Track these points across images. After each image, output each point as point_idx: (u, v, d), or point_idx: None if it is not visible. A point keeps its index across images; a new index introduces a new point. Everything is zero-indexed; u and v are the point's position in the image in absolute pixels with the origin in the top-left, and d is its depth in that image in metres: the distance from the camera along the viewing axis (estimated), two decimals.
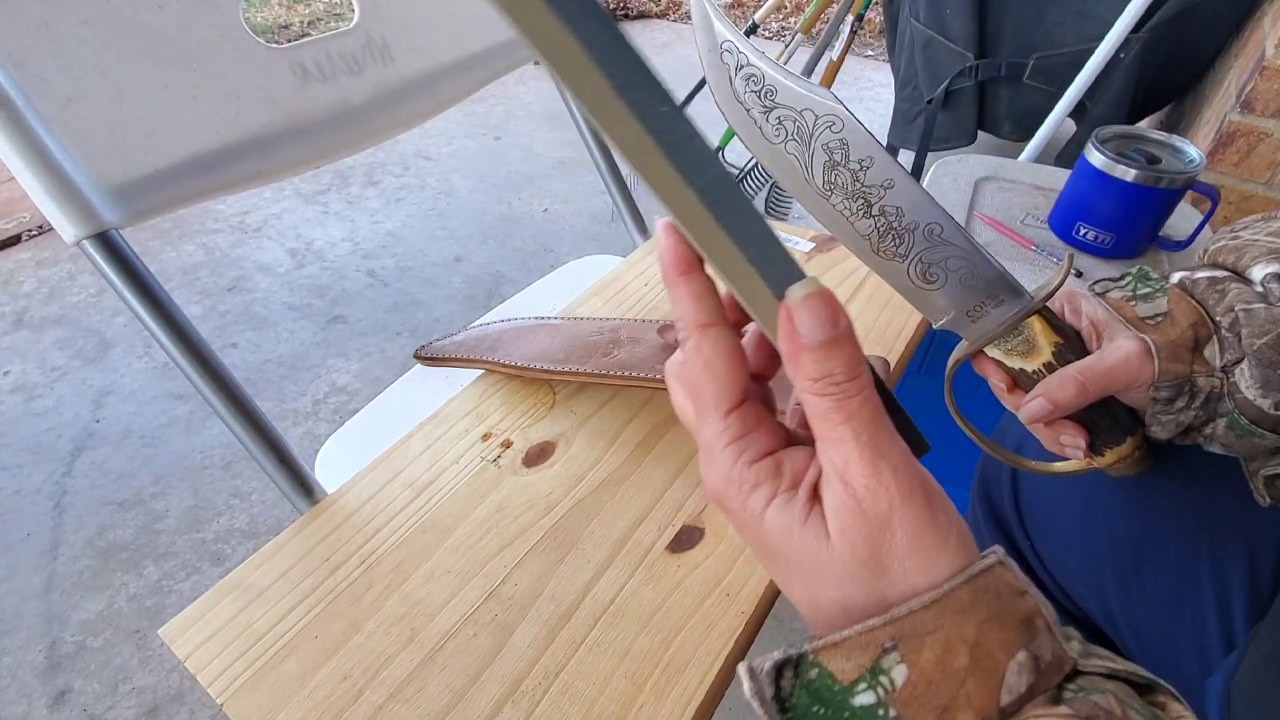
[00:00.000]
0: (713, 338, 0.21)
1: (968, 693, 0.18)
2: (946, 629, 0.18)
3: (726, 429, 0.22)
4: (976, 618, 0.18)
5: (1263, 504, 0.37)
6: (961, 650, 0.18)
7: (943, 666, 0.18)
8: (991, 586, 0.19)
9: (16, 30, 0.39)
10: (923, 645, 0.18)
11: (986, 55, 1.40)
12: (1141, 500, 0.44)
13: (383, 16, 0.58)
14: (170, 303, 0.43)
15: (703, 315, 0.22)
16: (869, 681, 0.18)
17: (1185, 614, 0.42)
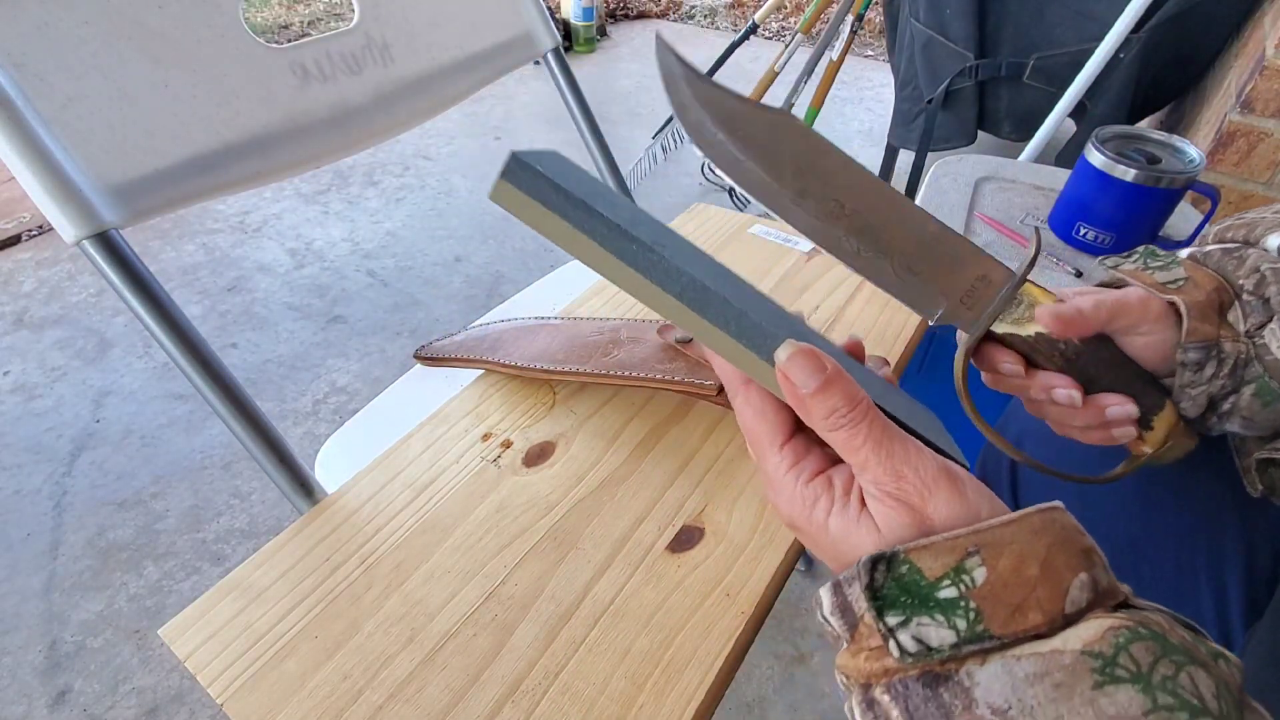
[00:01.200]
0: (755, 389, 0.27)
1: (1038, 597, 0.21)
2: (1021, 543, 0.22)
3: (783, 460, 0.26)
4: (1046, 539, 0.22)
5: (1253, 493, 0.37)
6: (1033, 562, 0.21)
7: (1017, 573, 0.21)
8: (1058, 520, 0.23)
9: (16, 30, 0.39)
10: (1001, 554, 0.21)
11: (986, 55, 1.40)
12: (1138, 500, 0.44)
13: (383, 16, 0.58)
14: (170, 303, 0.43)
15: (740, 374, 0.27)
16: (953, 578, 0.21)
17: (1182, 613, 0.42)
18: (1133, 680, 0.19)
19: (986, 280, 0.34)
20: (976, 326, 0.35)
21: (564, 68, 0.72)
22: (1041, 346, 0.35)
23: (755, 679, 0.87)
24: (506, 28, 0.68)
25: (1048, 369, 0.36)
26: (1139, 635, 0.20)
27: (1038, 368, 0.36)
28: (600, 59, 2.69)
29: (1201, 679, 0.19)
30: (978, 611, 0.21)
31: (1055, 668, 0.20)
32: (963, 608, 0.21)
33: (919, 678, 0.21)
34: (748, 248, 0.71)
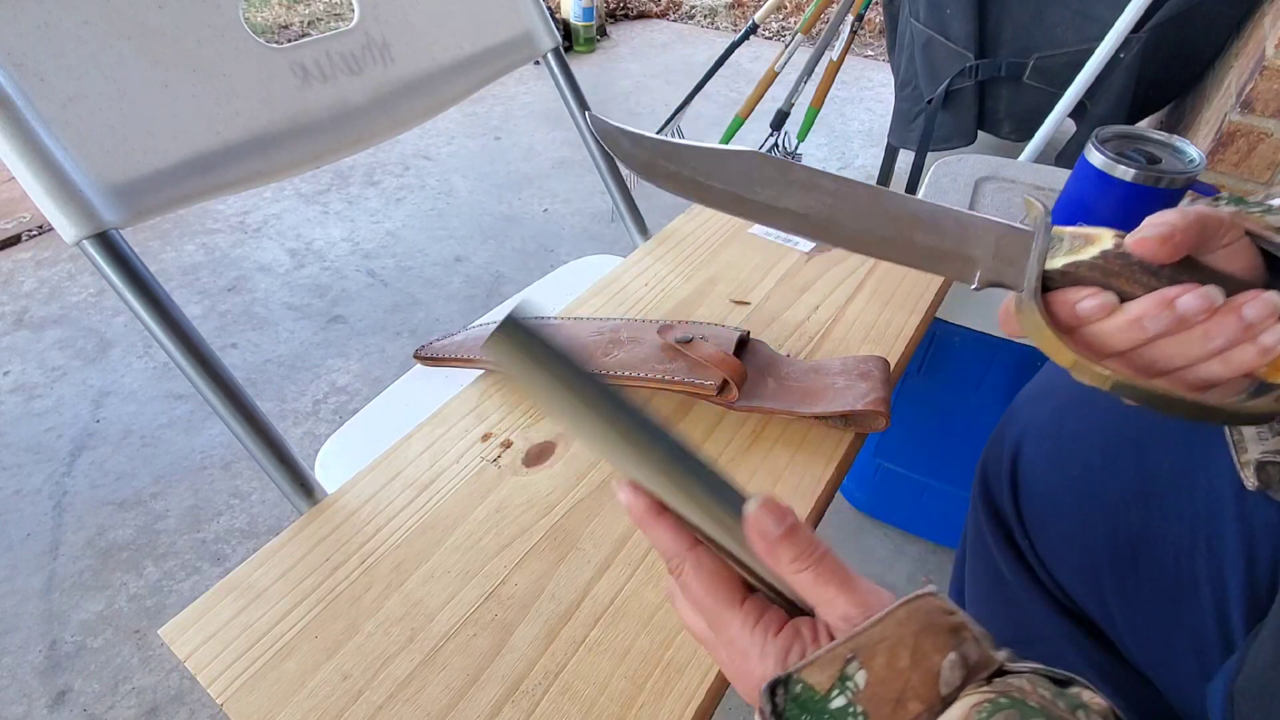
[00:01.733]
0: (703, 552, 0.27)
1: (913, 685, 0.22)
2: (891, 638, 0.23)
3: (747, 618, 0.27)
4: (913, 628, 0.23)
5: (1249, 486, 0.37)
6: (904, 653, 0.23)
7: (891, 667, 0.23)
8: (923, 607, 0.24)
9: (16, 30, 0.39)
10: (875, 653, 0.23)
11: (986, 55, 1.40)
12: (1138, 502, 0.44)
13: (383, 16, 0.58)
14: (170, 303, 0.43)
15: (685, 540, 0.27)
16: (839, 687, 0.23)
17: (1183, 615, 0.42)
18: None
19: (1009, 235, 0.31)
20: (1029, 269, 0.30)
21: (564, 68, 0.72)
22: (1115, 266, 0.29)
23: None
24: (506, 28, 0.68)
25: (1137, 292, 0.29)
26: (999, 706, 0.21)
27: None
28: (600, 59, 2.69)
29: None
30: (865, 715, 0.23)
31: None
32: (852, 713, 0.23)
33: None
34: (748, 247, 0.71)
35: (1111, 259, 0.29)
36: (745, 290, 0.65)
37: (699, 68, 1.98)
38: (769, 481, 0.47)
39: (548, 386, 0.25)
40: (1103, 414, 0.46)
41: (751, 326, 0.60)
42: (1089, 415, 0.47)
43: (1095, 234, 0.30)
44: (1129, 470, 0.44)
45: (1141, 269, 0.29)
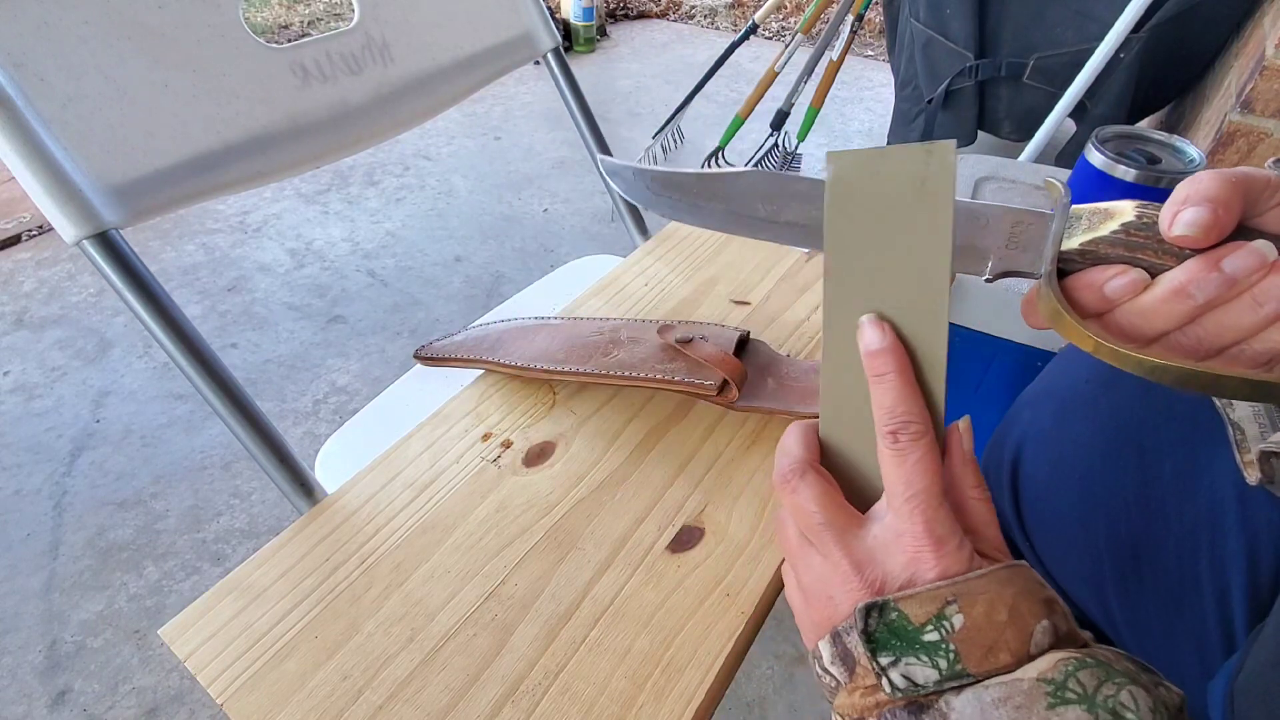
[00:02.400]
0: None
1: (1006, 639, 0.24)
2: (992, 593, 0.24)
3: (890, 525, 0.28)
4: (1013, 589, 0.24)
5: (1250, 482, 0.37)
6: (1002, 608, 0.24)
7: (989, 618, 0.24)
8: (1022, 574, 0.25)
9: (16, 30, 0.39)
10: (975, 602, 0.24)
11: (986, 55, 1.40)
12: (1140, 501, 0.44)
13: (383, 16, 0.58)
14: (170, 303, 0.43)
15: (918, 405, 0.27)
16: (935, 624, 0.24)
17: (1185, 615, 0.42)
18: (1079, 701, 0.22)
19: (1023, 221, 0.29)
20: (1044, 252, 0.28)
21: (564, 68, 0.72)
22: (1139, 239, 0.26)
23: (755, 679, 0.87)
24: (506, 28, 0.68)
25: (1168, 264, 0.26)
26: (1085, 664, 0.23)
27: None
28: (600, 59, 2.69)
29: (1141, 697, 0.22)
30: (957, 653, 0.24)
31: (1016, 693, 0.22)
32: (944, 650, 0.24)
33: (905, 707, 0.24)
34: (748, 247, 0.71)
35: (1135, 231, 0.26)
36: (745, 290, 0.65)
37: (699, 68, 1.98)
38: (769, 482, 0.47)
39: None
40: (1104, 417, 0.46)
41: (751, 326, 0.60)
42: (1090, 418, 0.47)
43: (1115, 208, 0.27)
44: (1130, 472, 0.44)
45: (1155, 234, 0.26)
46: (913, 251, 0.26)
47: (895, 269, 0.26)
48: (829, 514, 0.28)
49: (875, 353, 0.27)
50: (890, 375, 0.27)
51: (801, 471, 0.29)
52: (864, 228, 0.27)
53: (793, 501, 0.29)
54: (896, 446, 0.26)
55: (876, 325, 0.27)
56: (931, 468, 0.26)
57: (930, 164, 0.25)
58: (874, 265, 0.27)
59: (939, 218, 0.25)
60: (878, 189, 0.26)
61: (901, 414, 0.26)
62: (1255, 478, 0.37)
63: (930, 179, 0.25)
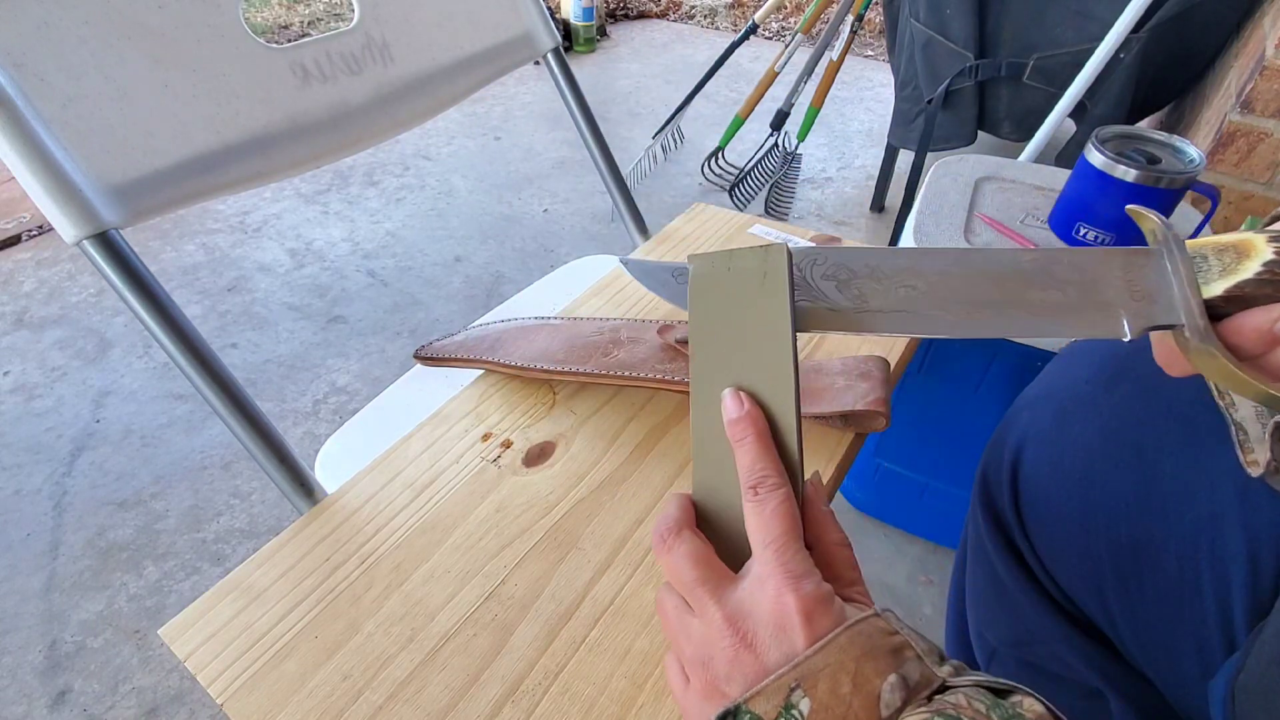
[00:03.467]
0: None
1: (854, 710, 0.23)
2: (833, 665, 0.24)
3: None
4: (854, 653, 0.24)
5: (1254, 473, 0.37)
6: (845, 679, 0.24)
7: (834, 694, 0.24)
8: (865, 630, 0.25)
9: (16, 30, 0.39)
10: (817, 681, 0.24)
11: (986, 55, 1.40)
12: (1141, 502, 0.44)
13: (383, 16, 0.58)
14: (170, 303, 0.43)
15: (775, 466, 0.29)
16: (785, 716, 0.24)
17: (1185, 615, 0.42)
18: None
19: (1135, 263, 0.27)
20: (1181, 301, 0.26)
21: (564, 68, 0.72)
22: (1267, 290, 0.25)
23: None
24: (506, 28, 0.68)
25: None
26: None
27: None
28: (600, 59, 2.69)
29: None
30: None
31: None
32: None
33: None
34: None
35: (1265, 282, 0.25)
36: None
37: (699, 68, 1.98)
38: None
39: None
40: (1104, 418, 0.46)
41: None
42: (1090, 419, 0.47)
43: (1242, 243, 0.26)
44: (1130, 473, 0.44)
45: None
46: (761, 330, 0.30)
47: (749, 346, 0.30)
48: (702, 570, 0.28)
49: (735, 420, 0.29)
50: (749, 439, 0.29)
51: (677, 530, 0.30)
52: (721, 313, 0.31)
53: (669, 561, 0.29)
54: (756, 499, 0.28)
55: (734, 396, 0.30)
56: (787, 515, 0.27)
57: (769, 260, 0.30)
58: (731, 344, 0.31)
59: (779, 305, 0.29)
60: (730, 282, 0.31)
61: (759, 470, 0.28)
62: (1263, 461, 0.36)
63: (769, 272, 0.29)
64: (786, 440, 0.29)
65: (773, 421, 0.29)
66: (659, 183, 1.91)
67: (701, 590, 0.28)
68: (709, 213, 0.77)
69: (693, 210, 0.77)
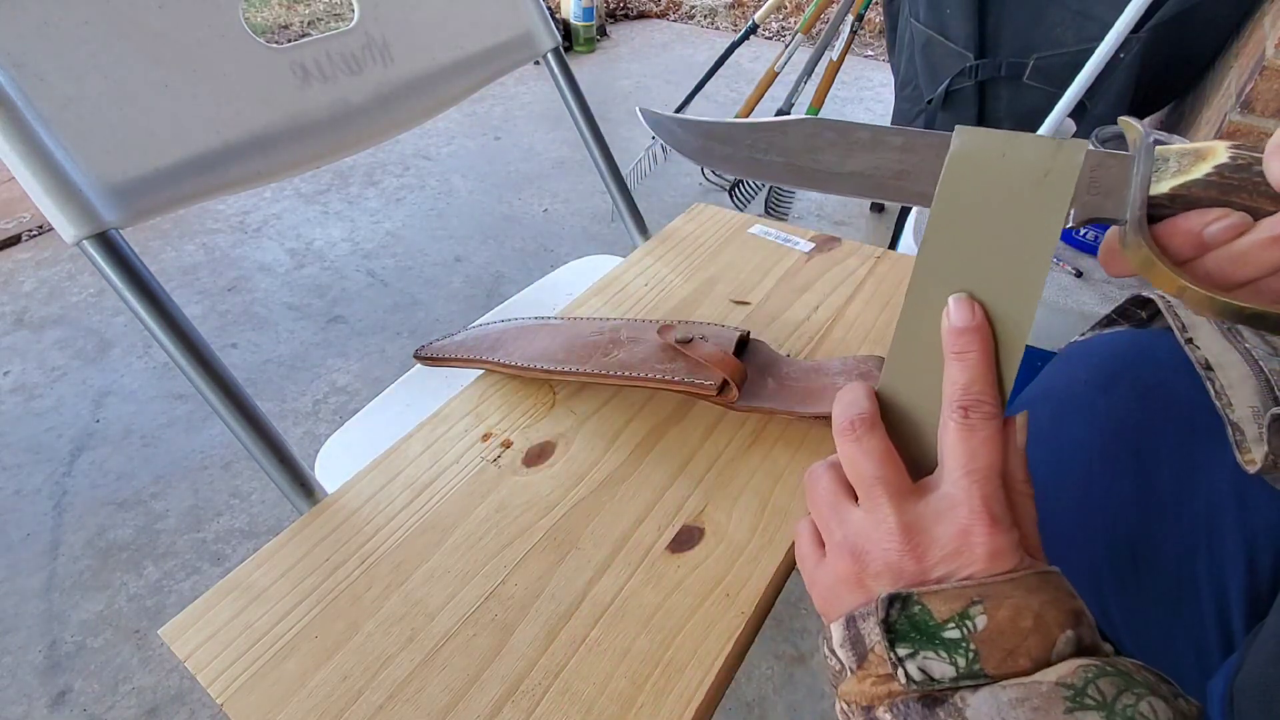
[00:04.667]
0: None
1: (1028, 646, 0.24)
2: (1018, 598, 0.24)
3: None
4: (1041, 597, 0.24)
5: (1250, 470, 0.37)
6: (1028, 616, 0.24)
7: (1013, 623, 0.24)
8: (1052, 582, 0.25)
9: (16, 30, 0.39)
10: (1000, 605, 0.24)
11: (986, 55, 1.40)
12: (1138, 502, 0.44)
13: (383, 16, 0.58)
14: (170, 303, 0.43)
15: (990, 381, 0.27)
16: (957, 622, 0.24)
17: (1183, 615, 0.42)
18: (1098, 707, 0.22)
19: (1103, 164, 0.27)
20: (1130, 196, 0.27)
21: (564, 68, 0.72)
22: (1235, 181, 0.25)
23: (755, 679, 0.87)
24: (506, 28, 0.68)
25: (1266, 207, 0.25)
26: (1105, 672, 0.23)
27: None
28: (600, 59, 2.69)
29: (1160, 709, 0.22)
30: (976, 653, 0.24)
31: (1034, 695, 0.22)
32: (964, 648, 0.24)
33: (919, 699, 0.24)
34: (747, 247, 0.71)
35: (1230, 174, 0.25)
36: (745, 290, 0.65)
37: (699, 68, 1.98)
38: (769, 481, 0.47)
39: None
40: (1102, 418, 0.46)
41: (751, 326, 0.60)
42: (1088, 419, 0.47)
43: (1205, 149, 0.26)
44: (1128, 474, 0.44)
45: (1254, 174, 0.25)
46: (1019, 239, 0.26)
47: (997, 252, 0.27)
48: (887, 470, 0.27)
49: (961, 330, 0.27)
50: (973, 354, 0.27)
51: (870, 424, 0.28)
52: (976, 206, 0.27)
53: (853, 451, 0.28)
54: (967, 421, 0.26)
55: (967, 304, 0.27)
56: (997, 449, 0.26)
57: (1058, 158, 0.26)
58: (976, 244, 0.27)
59: (1054, 212, 0.26)
60: (1000, 171, 0.26)
61: (977, 392, 0.26)
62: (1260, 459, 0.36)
63: (1054, 172, 0.26)
64: (1007, 367, 0.27)
65: (999, 342, 0.27)
66: (659, 183, 1.91)
67: (880, 489, 0.27)
68: (709, 213, 0.77)
69: (693, 210, 0.77)
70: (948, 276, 0.28)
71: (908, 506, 0.27)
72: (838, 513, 0.29)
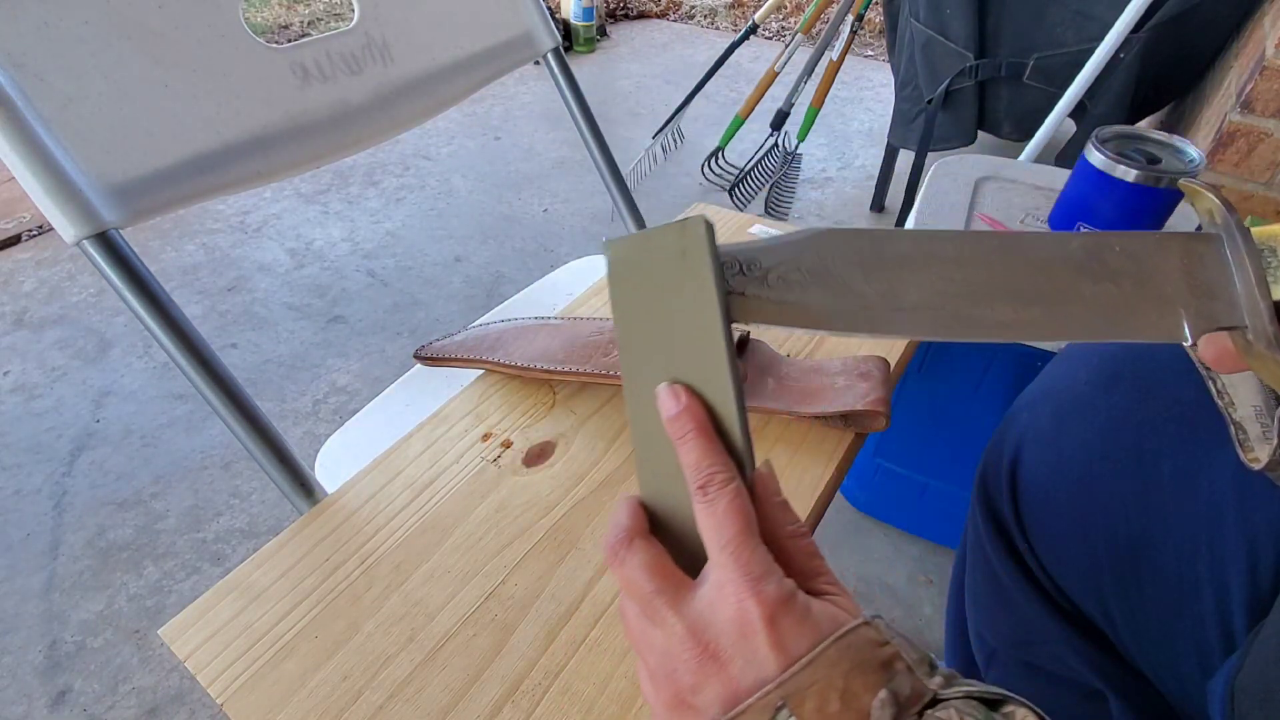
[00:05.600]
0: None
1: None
2: (821, 681, 0.23)
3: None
4: (843, 668, 0.23)
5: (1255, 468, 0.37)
6: (834, 696, 0.23)
7: (821, 713, 0.22)
8: (854, 642, 0.24)
9: (16, 30, 0.39)
10: (805, 699, 0.23)
11: (986, 55, 1.40)
12: (1140, 502, 0.44)
13: (383, 16, 0.58)
14: (170, 303, 0.43)
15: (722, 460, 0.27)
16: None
17: (1184, 615, 0.42)
18: None
19: (1194, 250, 0.24)
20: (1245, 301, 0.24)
21: (564, 68, 0.72)
22: None
23: None
24: (506, 28, 0.68)
25: None
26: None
27: None
28: (600, 59, 2.69)
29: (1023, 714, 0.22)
30: None
31: None
32: None
33: None
34: None
35: None
36: None
37: (699, 68, 1.98)
38: None
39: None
40: (1103, 418, 0.46)
41: (751, 326, 0.60)
42: (1089, 420, 0.47)
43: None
44: (1129, 474, 0.44)
45: None
46: (689, 315, 0.27)
47: (677, 335, 0.28)
48: (658, 581, 0.27)
49: (673, 417, 0.27)
50: (690, 434, 0.27)
51: (628, 540, 0.28)
52: (643, 301, 0.28)
53: (623, 574, 0.28)
54: (706, 498, 0.26)
55: (669, 391, 0.27)
56: (740, 512, 0.26)
57: (686, 237, 0.27)
58: (658, 335, 0.28)
59: (703, 284, 0.26)
60: (650, 265, 0.28)
61: (706, 467, 0.26)
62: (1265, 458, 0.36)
63: (689, 249, 0.27)
64: (730, 431, 0.27)
65: (714, 413, 0.27)
66: (659, 183, 1.91)
67: (659, 601, 0.27)
68: (709, 212, 0.77)
69: (692, 210, 0.77)
70: (648, 371, 0.28)
71: (687, 609, 0.26)
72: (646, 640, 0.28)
